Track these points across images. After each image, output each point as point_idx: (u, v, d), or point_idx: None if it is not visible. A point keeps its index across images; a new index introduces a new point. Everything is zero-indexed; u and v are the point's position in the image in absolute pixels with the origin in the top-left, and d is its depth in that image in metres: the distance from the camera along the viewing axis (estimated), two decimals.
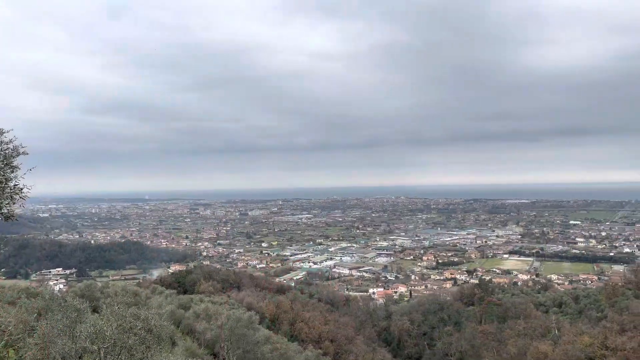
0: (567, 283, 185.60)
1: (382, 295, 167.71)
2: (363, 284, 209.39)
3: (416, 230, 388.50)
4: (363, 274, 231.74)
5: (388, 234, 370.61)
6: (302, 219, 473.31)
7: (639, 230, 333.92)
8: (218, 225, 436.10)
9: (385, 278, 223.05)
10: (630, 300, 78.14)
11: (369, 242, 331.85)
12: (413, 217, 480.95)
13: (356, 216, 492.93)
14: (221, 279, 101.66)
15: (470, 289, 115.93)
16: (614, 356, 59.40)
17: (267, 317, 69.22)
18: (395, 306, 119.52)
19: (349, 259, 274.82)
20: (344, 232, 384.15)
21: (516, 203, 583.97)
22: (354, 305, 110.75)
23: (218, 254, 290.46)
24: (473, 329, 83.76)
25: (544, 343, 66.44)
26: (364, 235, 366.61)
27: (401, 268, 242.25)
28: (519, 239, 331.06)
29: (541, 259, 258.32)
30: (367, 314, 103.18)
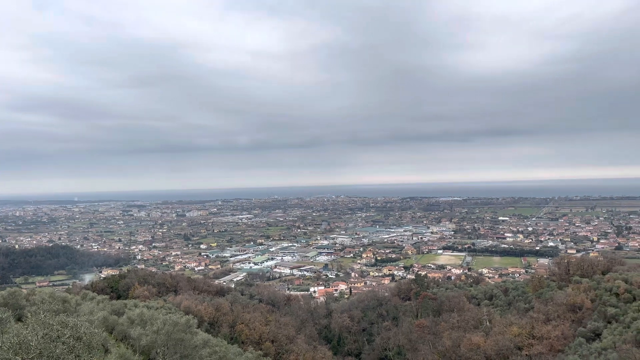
0: (497, 276, 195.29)
1: (323, 294, 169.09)
2: (304, 283, 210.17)
3: (356, 228, 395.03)
4: (304, 273, 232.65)
5: (329, 232, 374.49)
6: (243, 219, 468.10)
7: (562, 225, 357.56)
8: (153, 227, 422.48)
9: (326, 276, 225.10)
10: (555, 291, 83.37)
11: (310, 241, 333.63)
12: (353, 215, 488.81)
13: (297, 215, 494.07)
14: (157, 283, 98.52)
15: (407, 285, 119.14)
16: (540, 344, 63.33)
17: (206, 320, 67.85)
18: (335, 304, 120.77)
19: (290, 259, 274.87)
20: (285, 231, 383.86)
21: (449, 200, 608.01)
22: (295, 305, 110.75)
23: (154, 257, 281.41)
24: (410, 324, 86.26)
25: (476, 334, 69.71)
26: (305, 234, 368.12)
27: (341, 266, 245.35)
28: (452, 235, 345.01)
29: (473, 253, 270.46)
30: (308, 312, 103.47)
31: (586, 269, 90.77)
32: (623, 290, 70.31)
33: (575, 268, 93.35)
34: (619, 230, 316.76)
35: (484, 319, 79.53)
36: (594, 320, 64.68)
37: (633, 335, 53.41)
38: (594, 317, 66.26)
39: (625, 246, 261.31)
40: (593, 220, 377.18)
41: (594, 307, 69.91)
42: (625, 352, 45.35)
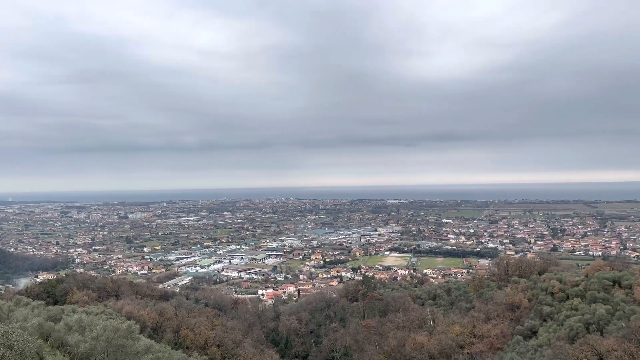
0: (441, 277, 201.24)
1: (271, 296, 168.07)
2: (252, 286, 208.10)
3: (305, 230, 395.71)
4: (252, 276, 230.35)
5: (278, 234, 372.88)
6: (189, 222, 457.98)
7: (502, 228, 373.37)
8: (94, 229, 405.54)
9: (275, 279, 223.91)
10: (494, 291, 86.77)
11: (259, 244, 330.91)
12: (302, 217, 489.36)
13: (246, 217, 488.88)
14: (97, 288, 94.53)
15: (355, 286, 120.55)
16: (481, 343, 65.68)
17: (149, 325, 65.71)
18: (283, 306, 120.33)
19: (238, 261, 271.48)
20: (233, 234, 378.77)
21: (396, 203, 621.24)
22: (243, 308, 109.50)
23: (94, 260, 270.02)
24: (357, 324, 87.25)
25: (420, 334, 71.38)
26: (253, 236, 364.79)
27: (290, 268, 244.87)
28: (398, 236, 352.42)
29: (418, 254, 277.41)
30: (255, 316, 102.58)
31: (524, 270, 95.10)
32: (558, 289, 74.15)
33: (514, 269, 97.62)
34: (554, 233, 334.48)
35: (427, 319, 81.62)
36: (530, 319, 67.79)
37: (566, 333, 56.41)
38: (531, 315, 69.46)
39: (560, 247, 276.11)
40: (530, 222, 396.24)
41: (531, 306, 73.31)
42: (558, 348, 47.81)
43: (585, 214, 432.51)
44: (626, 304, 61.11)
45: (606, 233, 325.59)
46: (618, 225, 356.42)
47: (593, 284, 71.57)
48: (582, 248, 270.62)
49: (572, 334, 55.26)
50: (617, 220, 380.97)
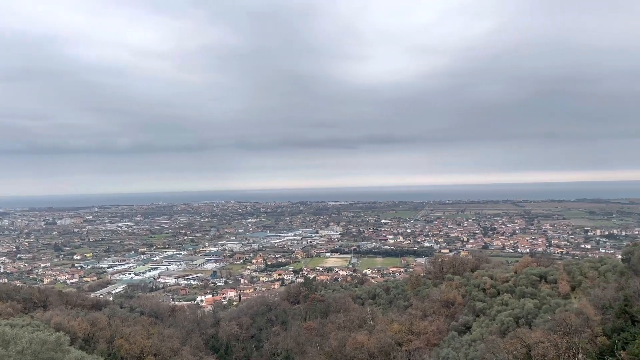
0: (380, 276, 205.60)
1: (211, 302, 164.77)
2: (191, 292, 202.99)
3: (246, 234, 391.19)
4: (191, 282, 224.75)
5: (218, 239, 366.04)
6: (123, 227, 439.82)
7: (437, 227, 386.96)
8: (19, 236, 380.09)
9: (214, 284, 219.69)
10: (430, 288, 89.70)
11: (198, 249, 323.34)
12: (243, 221, 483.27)
13: (184, 222, 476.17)
14: (23, 298, 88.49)
15: (296, 288, 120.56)
16: (418, 340, 67.58)
17: (80, 336, 62.41)
18: (223, 312, 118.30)
19: (175, 267, 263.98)
20: (170, 239, 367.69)
21: (337, 205, 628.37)
22: (181, 315, 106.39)
23: (19, 269, 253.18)
24: (298, 327, 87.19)
25: (360, 333, 72.42)
26: (192, 241, 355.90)
27: (231, 273, 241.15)
28: (339, 238, 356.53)
29: (358, 255, 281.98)
30: (194, 322, 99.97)
31: (458, 267, 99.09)
32: (489, 285, 77.76)
33: (448, 266, 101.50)
34: (485, 231, 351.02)
35: (367, 318, 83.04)
36: (464, 315, 70.62)
37: (498, 327, 59.24)
38: (465, 311, 72.36)
39: (490, 245, 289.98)
40: (463, 222, 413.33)
41: (465, 302, 76.41)
42: (491, 342, 50.05)
43: (514, 213, 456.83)
44: (552, 298, 65.10)
45: (533, 231, 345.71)
46: (544, 223, 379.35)
47: (522, 279, 75.67)
48: (511, 245, 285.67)
49: (503, 328, 58.11)
50: (543, 219, 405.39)
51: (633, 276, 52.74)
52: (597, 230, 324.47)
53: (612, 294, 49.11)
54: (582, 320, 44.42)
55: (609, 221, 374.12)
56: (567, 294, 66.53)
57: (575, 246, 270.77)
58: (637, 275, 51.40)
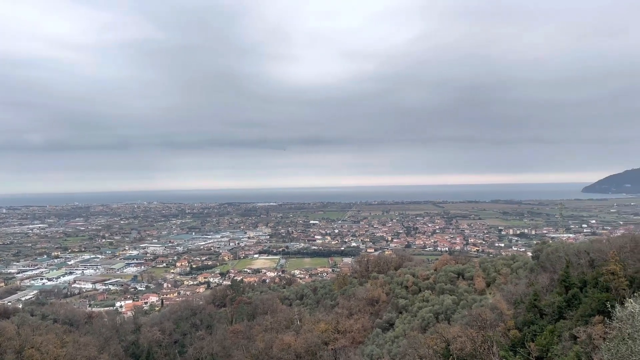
0: (308, 277, 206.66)
1: (131, 308, 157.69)
2: (109, 298, 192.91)
3: (170, 236, 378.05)
4: (109, 287, 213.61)
5: (139, 241, 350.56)
6: (34, 230, 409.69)
7: (363, 227, 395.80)
8: None
9: (135, 289, 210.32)
10: (356, 287, 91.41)
11: (117, 252, 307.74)
12: (167, 222, 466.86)
13: (102, 224, 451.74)
14: None
15: (223, 291, 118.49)
16: (344, 338, 68.59)
17: None
18: (145, 317, 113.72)
19: (92, 272, 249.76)
20: (87, 242, 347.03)
21: (266, 206, 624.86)
22: (98, 322, 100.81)
23: None
24: (224, 330, 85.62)
25: (288, 334, 72.32)
26: (111, 244, 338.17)
27: (153, 277, 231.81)
28: (268, 239, 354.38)
29: (287, 256, 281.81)
30: (113, 329, 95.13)
31: (382, 266, 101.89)
32: (411, 283, 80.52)
33: (374, 265, 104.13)
34: (408, 231, 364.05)
35: (295, 319, 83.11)
36: (388, 312, 72.62)
37: (419, 323, 61.42)
38: (389, 309, 74.44)
39: (413, 244, 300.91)
40: (388, 222, 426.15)
41: (389, 299, 78.61)
42: (412, 338, 51.77)
43: (434, 214, 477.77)
44: (469, 294, 68.56)
45: (452, 230, 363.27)
46: (461, 223, 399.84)
47: (441, 276, 79.10)
48: (432, 244, 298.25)
49: (424, 324, 60.36)
50: (461, 219, 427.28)
51: (542, 272, 56.71)
52: (509, 229, 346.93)
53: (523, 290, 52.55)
54: (496, 314, 47.11)
55: (520, 221, 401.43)
56: (482, 290, 70.38)
57: (490, 244, 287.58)
58: (546, 272, 55.33)
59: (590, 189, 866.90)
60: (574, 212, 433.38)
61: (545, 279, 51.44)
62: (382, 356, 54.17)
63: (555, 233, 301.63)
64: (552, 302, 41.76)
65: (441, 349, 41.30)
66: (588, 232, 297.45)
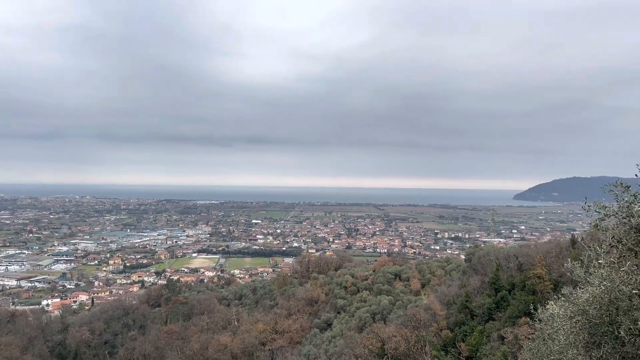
0: (248, 276, 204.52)
1: (59, 306, 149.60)
2: (35, 296, 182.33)
3: (103, 232, 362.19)
4: (35, 284, 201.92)
5: (69, 237, 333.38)
6: None
7: (305, 228, 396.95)
8: None
9: (64, 287, 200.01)
10: (296, 287, 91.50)
11: (45, 248, 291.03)
12: (100, 218, 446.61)
13: (29, 218, 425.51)
14: None
15: (158, 290, 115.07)
16: (282, 338, 68.42)
17: None
18: (73, 317, 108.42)
19: (17, 268, 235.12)
20: (12, 236, 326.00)
21: (207, 204, 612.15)
22: (22, 321, 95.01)
23: None
24: (158, 330, 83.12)
25: (224, 335, 71.25)
26: (38, 239, 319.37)
27: (83, 274, 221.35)
28: (208, 237, 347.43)
29: (227, 255, 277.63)
30: (38, 329, 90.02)
31: (323, 266, 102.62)
32: (350, 283, 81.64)
33: (314, 266, 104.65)
34: (350, 232, 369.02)
35: (232, 319, 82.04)
36: (327, 312, 73.22)
37: (356, 323, 62.35)
38: (327, 309, 75.08)
39: (353, 245, 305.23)
40: (330, 223, 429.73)
41: (328, 299, 79.28)
42: (349, 338, 52.48)
43: (375, 216, 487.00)
44: (404, 295, 70.38)
45: (391, 232, 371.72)
46: (400, 225, 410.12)
47: (379, 277, 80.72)
48: (372, 246, 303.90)
49: (361, 324, 61.32)
50: (400, 221, 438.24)
51: (473, 275, 59.22)
52: (445, 232, 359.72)
53: (456, 291, 54.61)
54: (430, 315, 48.68)
55: (455, 225, 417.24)
56: (418, 291, 72.52)
57: (427, 247, 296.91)
58: (477, 274, 57.81)
59: (521, 197, 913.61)
60: (505, 217, 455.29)
61: (477, 281, 53.73)
62: (319, 356, 54.53)
63: (487, 237, 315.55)
64: (483, 304, 43.67)
65: (376, 349, 42.14)
66: (518, 237, 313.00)
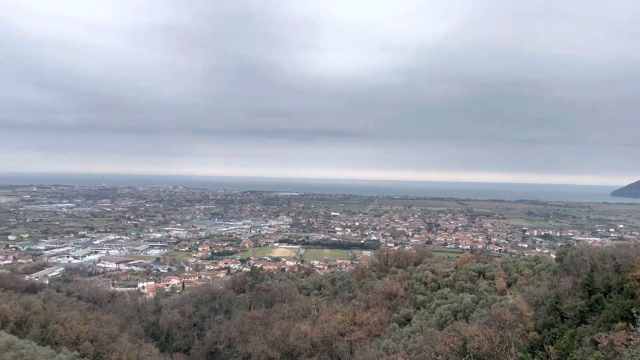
0: (327, 267, 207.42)
1: (153, 289, 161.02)
2: (132, 278, 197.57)
3: (193, 220, 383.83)
4: (133, 268, 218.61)
5: (163, 225, 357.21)
6: (62, 209, 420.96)
7: (384, 221, 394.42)
8: None
9: (158, 271, 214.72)
10: (374, 281, 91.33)
11: (142, 234, 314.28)
12: (191, 207, 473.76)
13: (128, 206, 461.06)
14: None
15: (242, 277, 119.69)
16: (360, 330, 68.80)
17: (11, 320, 59.48)
18: (166, 299, 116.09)
19: (117, 252, 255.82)
20: (112, 223, 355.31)
21: (287, 195, 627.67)
22: (120, 302, 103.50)
23: None
24: (242, 316, 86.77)
25: (304, 323, 72.96)
26: (136, 226, 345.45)
27: (175, 260, 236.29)
28: (288, 228, 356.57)
29: (306, 246, 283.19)
30: (134, 309, 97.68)
31: (402, 261, 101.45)
32: (430, 279, 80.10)
33: (393, 260, 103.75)
34: (430, 227, 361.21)
35: (312, 308, 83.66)
36: (406, 307, 72.47)
37: (437, 320, 61.16)
38: (406, 304, 74.27)
39: (434, 241, 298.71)
40: (409, 217, 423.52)
41: (407, 294, 78.40)
42: (429, 334, 51.67)
43: (457, 211, 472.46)
44: (489, 294, 67.86)
45: (474, 228, 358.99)
46: (485, 221, 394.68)
47: (461, 274, 78.43)
48: (453, 242, 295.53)
49: (441, 321, 60.07)
50: (484, 217, 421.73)
51: (565, 275, 55.77)
52: (534, 230, 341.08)
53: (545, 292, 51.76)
54: (516, 315, 46.63)
55: (545, 222, 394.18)
56: (503, 290, 69.59)
57: (513, 245, 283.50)
58: (569, 275, 54.40)
59: (620, 193, 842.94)
60: (602, 215, 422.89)
61: (568, 282, 50.59)
62: (398, 350, 54.23)
63: (581, 236, 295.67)
64: (574, 306, 41.12)
65: (458, 347, 41.18)
66: (615, 236, 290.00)
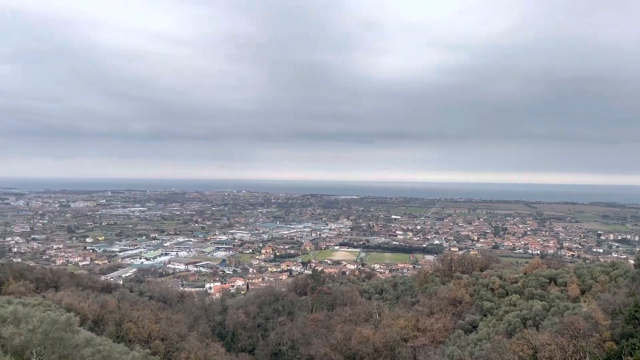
0: (388, 272, 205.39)
1: (219, 290, 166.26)
2: (200, 279, 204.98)
3: (256, 223, 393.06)
4: (200, 269, 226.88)
5: (228, 227, 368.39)
6: (135, 212, 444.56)
7: (447, 225, 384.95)
8: (33, 217, 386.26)
9: (223, 272, 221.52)
10: (438, 286, 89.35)
11: (208, 236, 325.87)
12: (254, 210, 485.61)
13: (195, 209, 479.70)
14: (36, 278, 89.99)
15: (304, 280, 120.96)
16: (424, 336, 67.54)
17: (89, 318, 63.49)
18: (231, 300, 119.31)
19: (185, 254, 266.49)
20: (181, 226, 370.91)
21: (347, 199, 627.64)
22: (189, 302, 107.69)
23: (32, 250, 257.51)
24: (304, 318, 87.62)
25: (366, 327, 72.60)
26: (202, 229, 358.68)
27: (240, 262, 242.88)
28: (348, 231, 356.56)
29: (367, 250, 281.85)
30: (202, 309, 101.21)
31: (466, 266, 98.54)
32: (498, 285, 77.26)
33: (457, 265, 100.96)
34: (496, 231, 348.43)
35: (374, 313, 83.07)
36: (471, 314, 70.31)
37: (504, 327, 58.89)
38: (472, 310, 72.05)
39: (501, 245, 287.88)
40: (474, 221, 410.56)
41: (472, 301, 76.04)
42: (497, 342, 49.86)
43: (526, 214, 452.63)
44: (561, 301, 64.46)
45: (545, 233, 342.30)
46: (556, 225, 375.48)
47: (531, 281, 75.04)
48: (522, 246, 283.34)
49: (510, 329, 57.77)
50: (555, 221, 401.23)
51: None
52: (610, 234, 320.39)
53: (623, 300, 48.52)
54: (591, 324, 44.03)
55: (622, 226, 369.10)
56: (576, 298, 65.89)
57: (587, 249, 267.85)
58: None
59: None
60: None
61: None
62: (464, 358, 52.77)
63: None
64: None
65: (527, 356, 39.51)
66: None
